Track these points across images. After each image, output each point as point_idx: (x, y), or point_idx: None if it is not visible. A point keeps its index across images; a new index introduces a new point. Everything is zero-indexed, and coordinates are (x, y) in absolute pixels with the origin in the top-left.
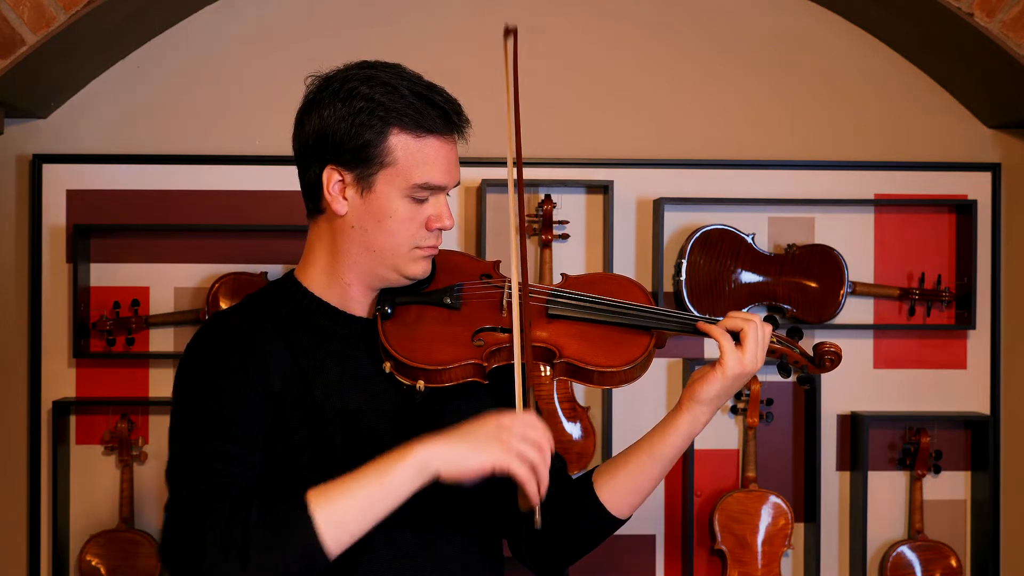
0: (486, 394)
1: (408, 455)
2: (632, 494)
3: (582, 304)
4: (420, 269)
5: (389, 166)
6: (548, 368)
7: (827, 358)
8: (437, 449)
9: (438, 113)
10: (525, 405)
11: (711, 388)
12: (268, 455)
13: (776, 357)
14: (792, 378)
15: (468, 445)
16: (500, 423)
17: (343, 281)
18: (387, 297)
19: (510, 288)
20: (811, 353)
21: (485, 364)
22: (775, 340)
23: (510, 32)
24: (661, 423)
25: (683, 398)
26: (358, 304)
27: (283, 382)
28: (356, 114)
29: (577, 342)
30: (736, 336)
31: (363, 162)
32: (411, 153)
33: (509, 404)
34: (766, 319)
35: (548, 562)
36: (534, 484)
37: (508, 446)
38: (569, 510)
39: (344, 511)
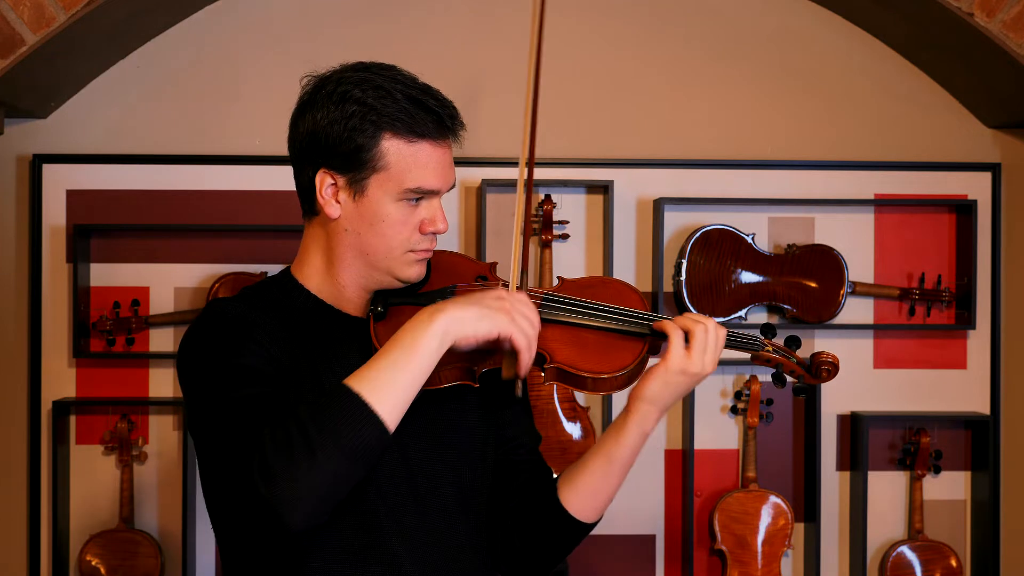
0: (476, 397)
1: (429, 328)
2: (593, 497)
3: (575, 309)
4: (414, 272)
5: (381, 171)
6: (540, 374)
7: (823, 368)
8: (453, 316)
9: (431, 118)
10: (520, 286)
11: (653, 384)
12: None
13: (772, 366)
14: (788, 388)
15: (478, 312)
16: (500, 294)
17: (338, 282)
18: (380, 297)
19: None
20: (808, 362)
21: (475, 368)
22: (771, 349)
23: None
24: (612, 425)
25: (629, 397)
26: (352, 304)
27: (279, 363)
28: (348, 118)
29: (569, 347)
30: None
31: (355, 166)
32: (403, 158)
33: (499, 406)
34: (763, 328)
35: (524, 569)
36: (527, 355)
37: (511, 316)
38: (536, 517)
39: (387, 387)
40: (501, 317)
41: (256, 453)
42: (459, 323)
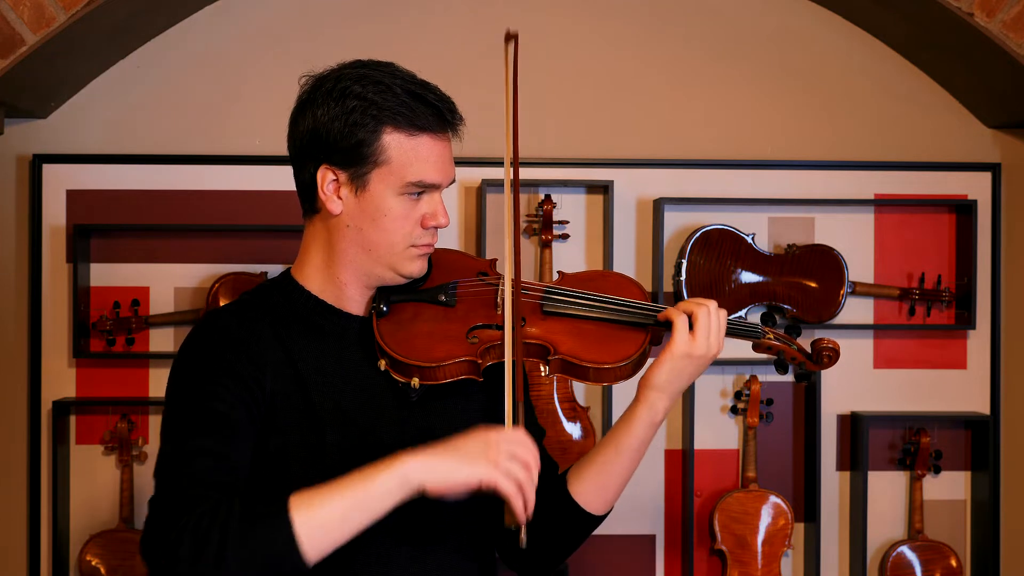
0: (481, 392)
1: (393, 466)
2: (603, 489)
3: (577, 301)
4: (416, 267)
5: (383, 165)
6: (544, 366)
7: (825, 354)
8: (423, 462)
9: (431, 111)
10: (515, 421)
11: (660, 371)
12: (259, 454)
13: (773, 353)
14: (790, 375)
15: (455, 460)
16: (488, 439)
17: (339, 280)
18: (382, 295)
19: (505, 285)
20: (809, 350)
21: (479, 361)
22: (772, 336)
23: (511, 37)
24: (622, 416)
25: (639, 387)
26: (354, 302)
27: (277, 381)
28: (349, 113)
29: (572, 339)
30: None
31: (357, 161)
32: (405, 151)
33: (503, 402)
34: (763, 317)
35: (533, 564)
36: (520, 501)
37: (495, 462)
38: (546, 510)
39: (324, 517)
40: (482, 465)
41: (173, 531)
42: (429, 471)
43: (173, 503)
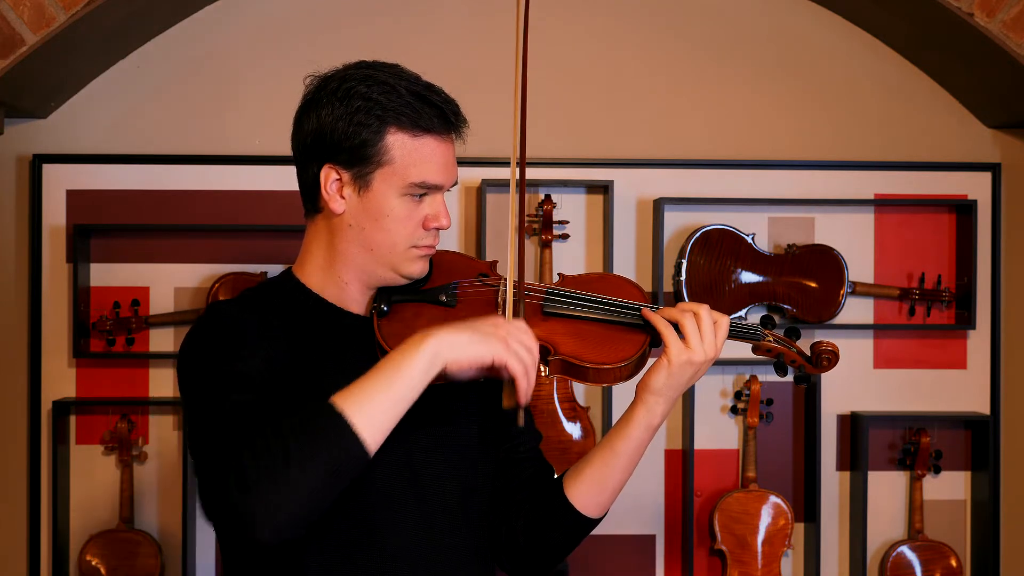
0: (480, 391)
1: (421, 346)
2: (599, 492)
3: (577, 302)
4: (417, 268)
5: (386, 165)
6: (544, 367)
7: (824, 357)
8: (445, 339)
9: (435, 112)
10: (516, 314)
11: (659, 377)
12: None
13: (773, 356)
14: (790, 377)
15: (472, 336)
16: (497, 323)
17: (341, 280)
18: (383, 295)
19: (506, 286)
20: (808, 352)
21: None
22: (772, 339)
23: None
24: (620, 418)
25: (637, 390)
26: (355, 302)
27: (281, 364)
28: (354, 113)
29: (572, 339)
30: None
31: (360, 161)
32: (408, 152)
33: (500, 402)
34: (763, 319)
35: (527, 566)
36: (525, 381)
37: (506, 343)
38: (542, 513)
39: (374, 409)
40: (496, 343)
41: (234, 461)
42: (451, 346)
43: (221, 445)
